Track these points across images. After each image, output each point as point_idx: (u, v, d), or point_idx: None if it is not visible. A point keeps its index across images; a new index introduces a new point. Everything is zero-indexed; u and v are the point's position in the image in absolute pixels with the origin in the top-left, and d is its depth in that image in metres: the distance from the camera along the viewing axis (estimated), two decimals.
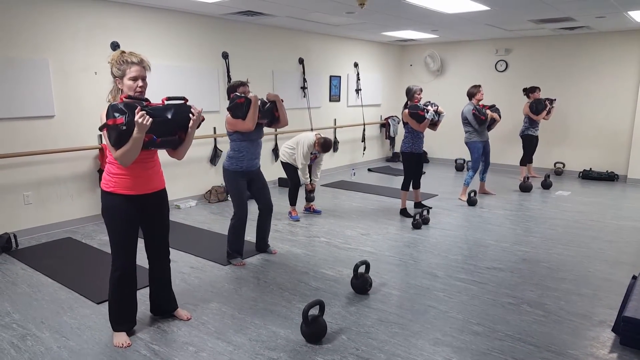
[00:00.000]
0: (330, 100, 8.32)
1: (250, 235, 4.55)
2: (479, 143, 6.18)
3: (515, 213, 5.69)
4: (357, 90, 8.84)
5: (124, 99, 2.43)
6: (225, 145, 6.46)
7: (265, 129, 4.34)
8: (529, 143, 7.40)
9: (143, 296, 3.34)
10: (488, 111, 6.17)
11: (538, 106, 7.13)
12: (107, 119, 2.36)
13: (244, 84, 3.90)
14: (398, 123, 9.69)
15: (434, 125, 5.38)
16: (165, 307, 3.02)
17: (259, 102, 3.85)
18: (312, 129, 7.74)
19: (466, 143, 6.26)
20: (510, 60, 8.55)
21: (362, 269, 3.50)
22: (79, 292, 3.42)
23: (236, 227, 3.95)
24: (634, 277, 3.16)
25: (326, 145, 5.13)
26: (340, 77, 8.46)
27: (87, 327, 2.92)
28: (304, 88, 7.62)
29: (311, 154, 5.20)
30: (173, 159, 2.86)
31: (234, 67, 6.45)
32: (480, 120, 6.06)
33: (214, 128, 6.30)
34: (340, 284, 3.59)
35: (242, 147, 3.88)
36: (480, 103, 6.17)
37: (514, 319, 3.04)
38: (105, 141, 2.47)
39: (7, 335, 2.83)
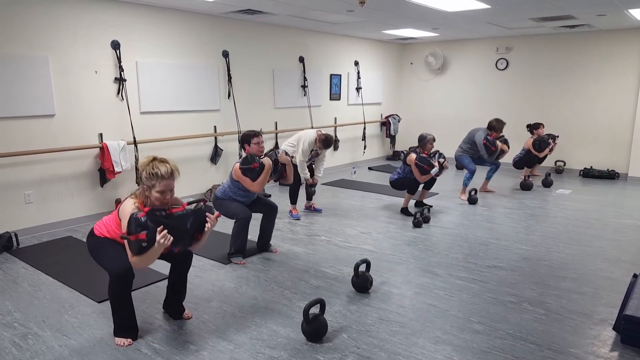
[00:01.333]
0: (330, 99, 8.32)
1: (252, 234, 4.55)
2: (467, 158, 6.32)
3: (516, 211, 5.69)
4: (358, 89, 8.83)
5: (146, 212, 2.45)
6: (225, 144, 6.46)
7: (265, 129, 4.35)
8: (527, 161, 7.36)
9: (143, 294, 3.35)
10: (498, 142, 6.19)
11: (541, 144, 7.18)
12: (128, 232, 2.40)
13: (257, 134, 4.03)
14: (399, 121, 9.68)
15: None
16: (180, 300, 3.02)
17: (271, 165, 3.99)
18: (312, 127, 7.74)
19: (455, 157, 6.39)
20: (510, 59, 8.54)
21: (362, 268, 3.49)
22: (80, 291, 3.42)
23: (240, 228, 3.97)
24: (635, 276, 3.15)
25: (327, 141, 5.16)
26: (340, 75, 8.45)
27: (88, 326, 2.92)
28: (304, 86, 7.61)
29: (312, 150, 5.21)
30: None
31: (235, 65, 6.45)
32: (490, 151, 6.12)
33: (215, 127, 6.30)
34: (341, 283, 3.59)
35: (239, 194, 4.00)
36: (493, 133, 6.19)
37: (514, 318, 3.04)
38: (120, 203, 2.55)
39: (8, 334, 2.84)
